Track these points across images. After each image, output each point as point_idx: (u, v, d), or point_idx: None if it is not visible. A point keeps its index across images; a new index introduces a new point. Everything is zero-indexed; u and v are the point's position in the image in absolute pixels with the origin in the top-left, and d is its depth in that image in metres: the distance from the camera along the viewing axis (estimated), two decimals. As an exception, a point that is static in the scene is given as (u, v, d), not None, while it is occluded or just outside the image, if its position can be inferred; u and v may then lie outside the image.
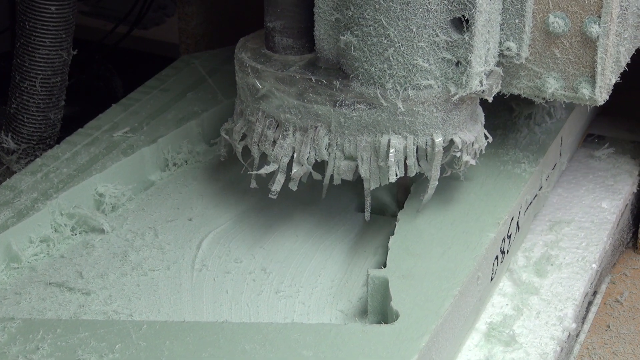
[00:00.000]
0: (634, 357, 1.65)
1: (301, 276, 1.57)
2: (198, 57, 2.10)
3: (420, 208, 1.58)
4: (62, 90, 2.00)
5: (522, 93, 1.62)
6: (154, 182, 1.78)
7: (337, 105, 1.49)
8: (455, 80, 1.47)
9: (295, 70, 1.52)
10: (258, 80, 1.54)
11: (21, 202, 1.63)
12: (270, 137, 1.55)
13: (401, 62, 1.45)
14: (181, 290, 1.52)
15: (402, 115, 1.48)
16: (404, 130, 1.49)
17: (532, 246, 1.75)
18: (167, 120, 1.86)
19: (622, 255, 1.90)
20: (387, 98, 1.47)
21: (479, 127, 1.57)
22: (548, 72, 1.58)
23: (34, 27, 1.92)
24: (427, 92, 1.47)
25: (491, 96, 1.52)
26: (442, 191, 1.64)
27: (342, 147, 1.52)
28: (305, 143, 1.53)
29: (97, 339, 1.36)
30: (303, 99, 1.51)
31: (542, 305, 1.62)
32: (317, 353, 1.33)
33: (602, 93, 1.57)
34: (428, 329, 1.37)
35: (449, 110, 1.49)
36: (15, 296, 1.50)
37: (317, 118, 1.51)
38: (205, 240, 1.63)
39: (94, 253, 1.59)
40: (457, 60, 1.46)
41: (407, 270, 1.48)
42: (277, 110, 1.54)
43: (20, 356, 1.33)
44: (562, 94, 1.59)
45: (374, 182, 1.53)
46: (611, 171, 1.97)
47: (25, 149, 2.00)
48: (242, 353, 1.33)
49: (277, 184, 1.55)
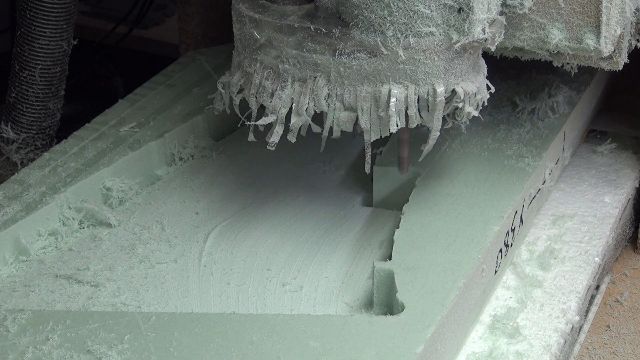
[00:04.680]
0: (634, 357, 1.66)
1: (307, 269, 1.58)
2: (203, 53, 2.12)
3: (420, 158, 1.56)
4: (62, 80, 2.01)
5: (526, 45, 1.59)
6: (160, 177, 1.79)
7: (337, 54, 1.46)
8: (457, 28, 1.43)
9: (294, 20, 1.49)
10: (256, 30, 1.50)
11: (29, 196, 1.64)
12: (269, 89, 1.51)
13: (402, 8, 1.42)
14: (188, 283, 1.54)
15: (403, 64, 1.44)
16: (405, 80, 1.46)
17: (535, 240, 1.76)
18: (174, 115, 1.88)
19: (623, 255, 1.90)
20: (387, 46, 1.43)
21: (481, 78, 1.54)
22: (552, 22, 1.55)
23: (35, 17, 1.91)
24: (428, 40, 1.43)
25: (494, 45, 1.49)
26: (446, 184, 1.66)
27: (341, 98, 1.48)
28: (304, 94, 1.49)
29: (106, 330, 1.37)
30: (302, 49, 1.47)
31: (545, 298, 1.64)
32: (324, 344, 1.34)
33: (607, 44, 1.54)
34: (434, 320, 1.38)
35: (450, 59, 1.46)
36: (24, 288, 1.52)
37: (316, 68, 1.47)
38: (212, 233, 1.64)
39: (101, 246, 1.61)
40: (459, 6, 1.42)
41: (412, 263, 1.49)
42: (275, 60, 1.50)
43: (31, 347, 1.34)
44: (566, 45, 1.56)
45: (374, 133, 1.49)
46: (613, 166, 1.98)
47: (24, 138, 2.01)
48: (249, 344, 1.35)
49: (275, 136, 1.51)
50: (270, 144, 1.52)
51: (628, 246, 1.93)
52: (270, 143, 1.52)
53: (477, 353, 1.52)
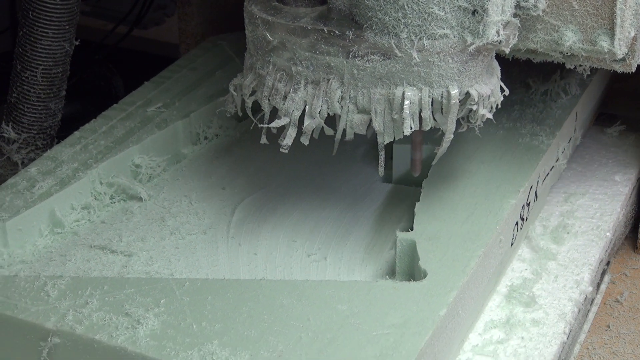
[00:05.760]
0: (634, 357, 1.67)
1: (330, 241, 1.64)
2: (224, 38, 2.18)
3: (434, 161, 1.58)
4: (64, 81, 2.00)
5: (539, 47, 1.58)
6: (186, 155, 1.85)
7: (350, 56, 1.45)
8: (471, 30, 1.43)
9: (307, 22, 1.48)
10: (268, 32, 1.50)
11: (63, 172, 1.70)
12: (282, 91, 1.51)
13: (416, 10, 1.41)
14: (218, 253, 1.60)
15: (417, 66, 1.44)
16: (419, 82, 1.45)
17: (548, 216, 1.83)
18: (198, 96, 1.94)
19: (623, 255, 1.92)
20: (401, 48, 1.43)
21: (495, 81, 1.53)
22: (565, 24, 1.54)
23: (38, 17, 1.91)
24: (442, 42, 1.43)
25: (508, 47, 1.48)
26: (464, 162, 1.72)
27: (355, 100, 1.47)
28: (317, 96, 1.48)
29: (142, 295, 1.43)
30: (315, 51, 1.47)
31: (559, 269, 1.70)
32: (351, 307, 1.40)
33: (621, 46, 1.53)
34: (455, 285, 1.44)
35: (465, 61, 1.45)
36: (61, 258, 1.58)
37: (329, 70, 1.47)
38: (239, 207, 1.71)
39: (133, 219, 1.67)
40: (474, 8, 1.41)
41: (433, 233, 1.55)
42: (288, 62, 1.50)
43: (71, 310, 1.40)
44: (580, 47, 1.55)
45: (387, 135, 1.49)
46: (623, 147, 2.05)
47: (25, 138, 2.02)
48: (280, 307, 1.40)
49: (288, 138, 1.51)
50: (283, 147, 1.52)
51: (628, 246, 1.96)
52: (284, 146, 1.52)
53: (495, 320, 1.58)
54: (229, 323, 1.37)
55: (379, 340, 1.34)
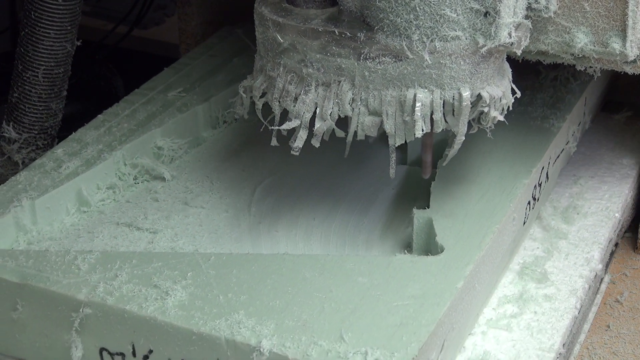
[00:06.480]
0: (634, 357, 1.67)
1: (348, 221, 1.70)
2: (240, 27, 2.23)
3: (445, 162, 1.57)
4: (65, 81, 2.00)
5: (550, 49, 1.58)
6: (206, 138, 1.90)
7: (362, 58, 1.45)
8: (483, 32, 1.43)
9: (318, 23, 1.48)
10: (279, 34, 1.49)
11: (88, 153, 1.75)
12: (292, 93, 1.51)
13: (428, 12, 1.41)
14: (240, 230, 1.65)
15: (428, 68, 1.44)
16: (431, 84, 1.45)
17: (559, 197, 1.88)
18: (217, 81, 1.99)
19: (623, 255, 1.93)
20: (413, 50, 1.43)
21: (506, 82, 1.54)
22: (577, 26, 1.54)
23: (40, 18, 1.91)
24: (454, 44, 1.43)
25: (520, 49, 1.48)
26: (478, 143, 1.77)
27: (366, 102, 1.47)
28: (328, 98, 1.48)
29: (169, 268, 1.48)
30: (326, 53, 1.47)
31: (570, 248, 1.75)
32: (371, 279, 1.45)
33: (632, 48, 1.53)
34: (472, 259, 1.49)
35: (476, 63, 1.45)
36: (88, 234, 1.63)
37: (340, 72, 1.47)
38: (259, 187, 1.76)
39: (157, 198, 1.72)
40: (486, 10, 1.41)
41: (449, 211, 1.60)
42: (299, 64, 1.49)
43: (102, 282, 1.45)
44: (592, 49, 1.55)
45: (399, 137, 1.49)
46: (629, 132, 2.10)
47: (26, 138, 2.02)
48: (302, 280, 1.45)
49: (299, 140, 1.51)
50: (294, 149, 1.52)
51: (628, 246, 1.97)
52: (294, 148, 1.52)
53: (508, 295, 1.63)
54: (254, 294, 1.42)
55: (399, 311, 1.39)
